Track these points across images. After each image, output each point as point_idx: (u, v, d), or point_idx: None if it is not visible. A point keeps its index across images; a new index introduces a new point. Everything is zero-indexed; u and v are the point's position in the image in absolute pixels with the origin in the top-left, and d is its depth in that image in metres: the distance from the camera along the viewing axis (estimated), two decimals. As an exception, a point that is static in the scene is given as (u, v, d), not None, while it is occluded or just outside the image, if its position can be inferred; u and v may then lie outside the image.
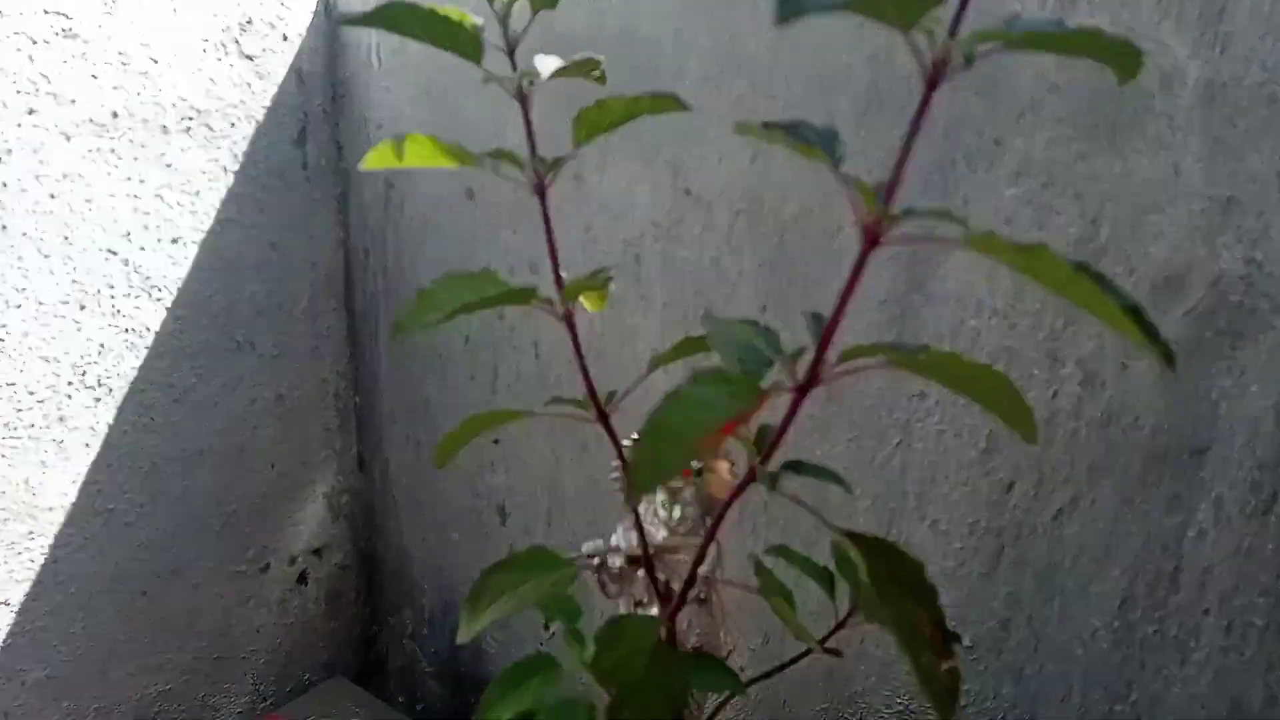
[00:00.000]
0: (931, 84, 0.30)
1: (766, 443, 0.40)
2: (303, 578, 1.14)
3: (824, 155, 0.33)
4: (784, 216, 0.75)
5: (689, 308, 0.84)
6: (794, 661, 0.51)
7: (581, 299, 0.56)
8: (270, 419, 1.03)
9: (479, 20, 0.42)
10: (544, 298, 0.46)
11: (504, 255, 0.95)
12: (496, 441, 1.04)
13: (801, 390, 0.37)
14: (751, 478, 0.40)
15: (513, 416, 0.47)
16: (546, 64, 0.43)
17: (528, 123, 0.44)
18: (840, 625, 0.50)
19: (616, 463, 0.59)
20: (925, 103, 0.30)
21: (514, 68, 0.43)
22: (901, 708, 0.81)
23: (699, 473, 0.58)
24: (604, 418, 0.47)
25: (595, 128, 0.43)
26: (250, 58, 0.90)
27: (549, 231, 0.47)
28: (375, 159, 0.50)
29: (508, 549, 1.07)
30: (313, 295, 1.04)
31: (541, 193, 0.46)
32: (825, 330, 0.36)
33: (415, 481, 1.14)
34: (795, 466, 0.39)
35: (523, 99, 0.43)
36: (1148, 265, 0.62)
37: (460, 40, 0.40)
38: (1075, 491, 0.68)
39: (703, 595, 0.61)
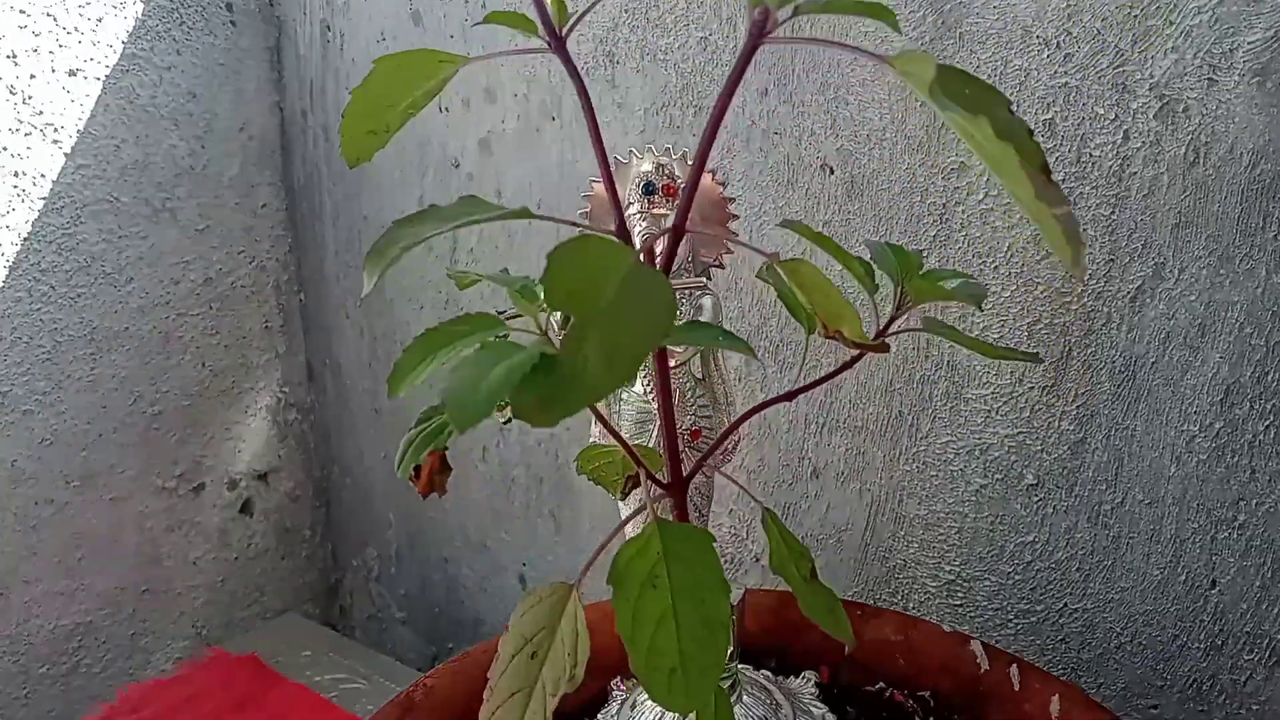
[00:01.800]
0: None
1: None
2: (246, 507, 1.04)
3: None
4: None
5: (677, 107, 0.74)
6: (840, 371, 0.41)
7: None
8: (198, 305, 0.94)
9: None
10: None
11: (455, 85, 0.86)
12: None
13: None
14: (763, 27, 0.31)
15: (447, 62, 0.38)
16: None
17: None
18: (891, 322, 0.40)
19: (594, 182, 0.49)
20: None
21: None
22: (950, 576, 0.71)
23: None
24: (560, 44, 0.38)
25: None
26: None
27: None
28: None
29: (480, 452, 0.97)
30: (244, 163, 0.96)
31: None
32: None
33: (373, 385, 1.04)
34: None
35: None
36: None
37: None
38: (1158, 260, 0.58)
39: (698, 372, 0.51)
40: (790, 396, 0.41)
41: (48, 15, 0.79)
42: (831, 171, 0.69)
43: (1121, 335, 0.61)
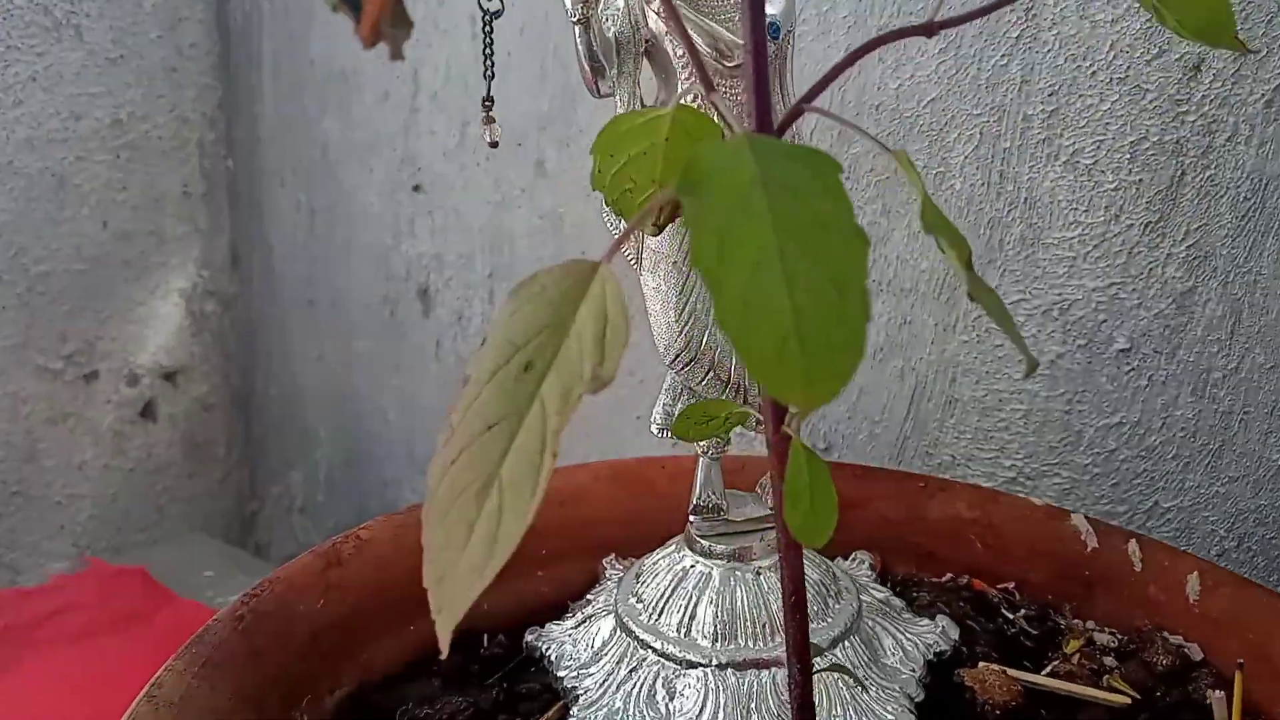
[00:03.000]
0: None
1: None
2: (149, 410, 0.89)
3: None
4: None
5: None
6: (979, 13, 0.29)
7: None
8: (102, 150, 0.80)
9: None
10: None
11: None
12: (418, 188, 0.81)
13: None
14: None
15: None
16: None
17: None
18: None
19: None
20: None
21: None
22: (1011, 474, 0.59)
23: None
24: None
25: None
26: None
27: None
28: None
29: (434, 347, 0.84)
30: (170, -10, 0.82)
31: None
32: None
33: (308, 271, 0.90)
34: None
35: None
36: None
37: None
38: (1305, 50, 0.48)
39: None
40: (930, 29, 0.29)
41: None
42: (891, -36, 0.58)
43: (1250, 152, 0.50)
